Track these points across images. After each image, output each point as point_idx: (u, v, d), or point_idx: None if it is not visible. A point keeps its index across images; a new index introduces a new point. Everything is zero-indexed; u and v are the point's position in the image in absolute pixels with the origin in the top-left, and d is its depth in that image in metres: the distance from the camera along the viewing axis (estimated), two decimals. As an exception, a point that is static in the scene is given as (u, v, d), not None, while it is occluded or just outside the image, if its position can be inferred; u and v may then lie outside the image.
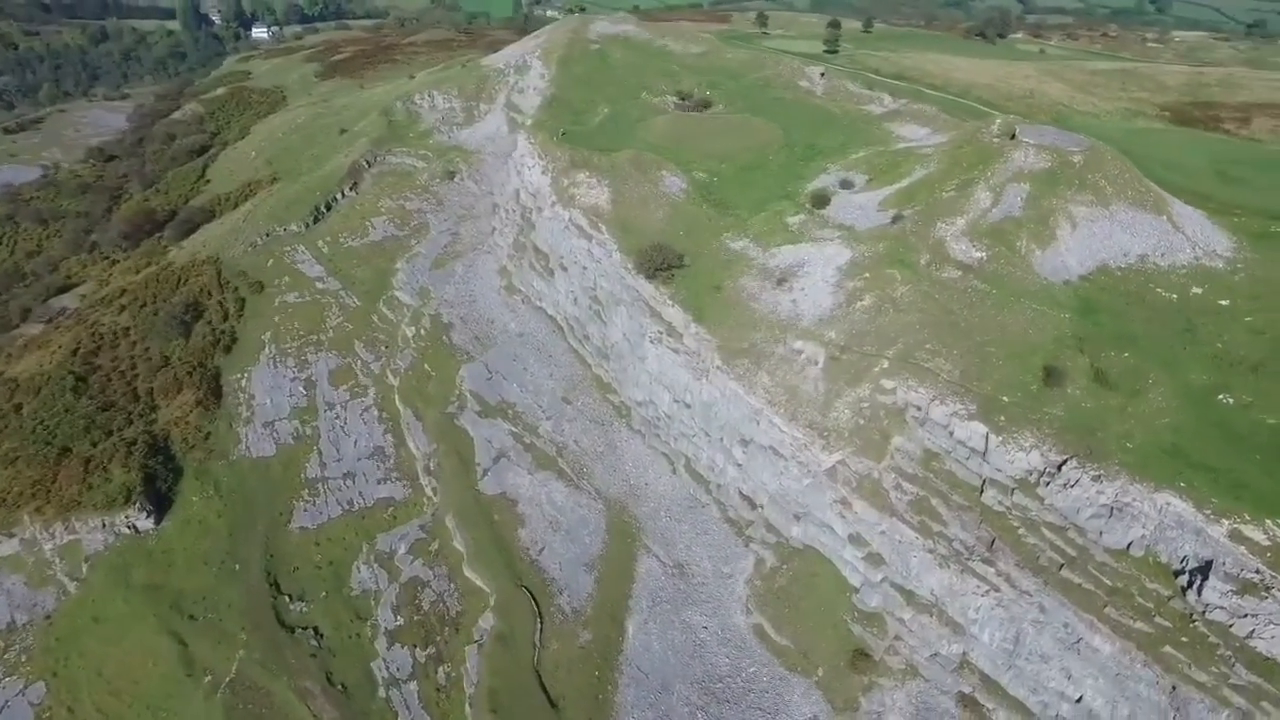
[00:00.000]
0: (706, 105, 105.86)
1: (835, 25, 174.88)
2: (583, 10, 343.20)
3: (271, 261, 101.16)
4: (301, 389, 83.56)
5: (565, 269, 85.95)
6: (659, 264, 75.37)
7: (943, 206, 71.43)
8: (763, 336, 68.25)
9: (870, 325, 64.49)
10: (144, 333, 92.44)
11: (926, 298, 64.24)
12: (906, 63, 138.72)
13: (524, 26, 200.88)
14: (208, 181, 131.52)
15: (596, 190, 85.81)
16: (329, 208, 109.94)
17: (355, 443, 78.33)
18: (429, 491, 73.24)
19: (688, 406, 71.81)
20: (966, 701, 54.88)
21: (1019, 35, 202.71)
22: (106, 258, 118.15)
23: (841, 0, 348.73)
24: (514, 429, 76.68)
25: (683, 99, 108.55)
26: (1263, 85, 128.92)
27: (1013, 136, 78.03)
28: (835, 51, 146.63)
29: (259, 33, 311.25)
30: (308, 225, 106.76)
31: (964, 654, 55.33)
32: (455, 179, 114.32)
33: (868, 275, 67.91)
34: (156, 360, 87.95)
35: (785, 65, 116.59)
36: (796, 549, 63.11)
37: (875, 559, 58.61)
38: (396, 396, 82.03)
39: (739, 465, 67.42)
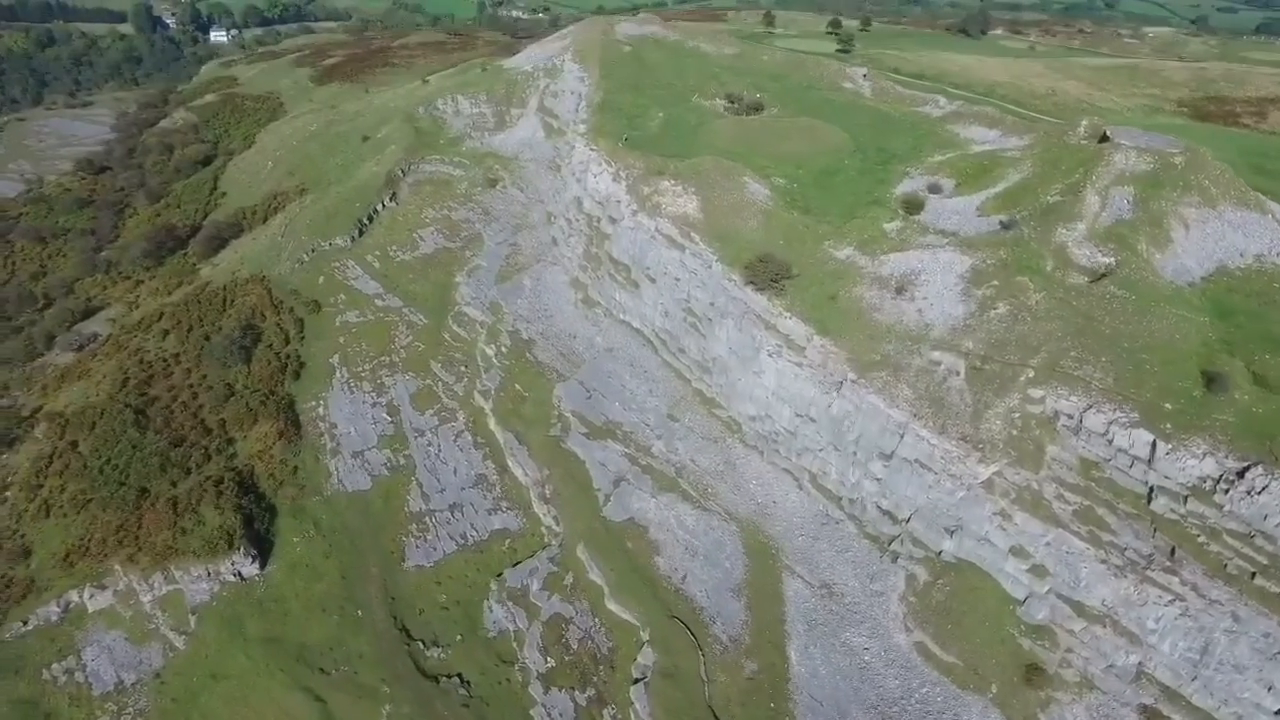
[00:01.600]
0: (759, 108, 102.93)
1: (837, 25, 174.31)
2: (546, 10, 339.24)
3: (322, 278, 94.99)
4: (385, 415, 78.25)
5: (653, 280, 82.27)
6: (770, 276, 72.43)
7: (1055, 211, 69.98)
8: (895, 348, 65.91)
9: (1009, 334, 62.68)
10: (198, 359, 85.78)
11: (1063, 304, 62.69)
12: (923, 61, 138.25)
13: (515, 29, 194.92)
14: (223, 194, 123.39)
15: (684, 198, 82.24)
16: (371, 219, 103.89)
17: (455, 471, 73.61)
18: (548, 521, 69.08)
19: (813, 421, 69.08)
20: (1149, 713, 53.51)
21: (998, 31, 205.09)
22: (127, 277, 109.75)
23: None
24: (626, 450, 72.90)
25: (732, 102, 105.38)
26: (1267, 80, 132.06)
27: (1102, 139, 77.41)
28: (848, 51, 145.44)
29: (217, 36, 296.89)
30: (353, 238, 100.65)
31: (1140, 665, 54.10)
32: (497, 187, 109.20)
33: (996, 283, 66.04)
34: (219, 389, 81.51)
35: (826, 66, 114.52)
36: (950, 563, 61.06)
37: (1040, 571, 56.91)
38: (490, 420, 77.40)
39: (878, 480, 65.02)
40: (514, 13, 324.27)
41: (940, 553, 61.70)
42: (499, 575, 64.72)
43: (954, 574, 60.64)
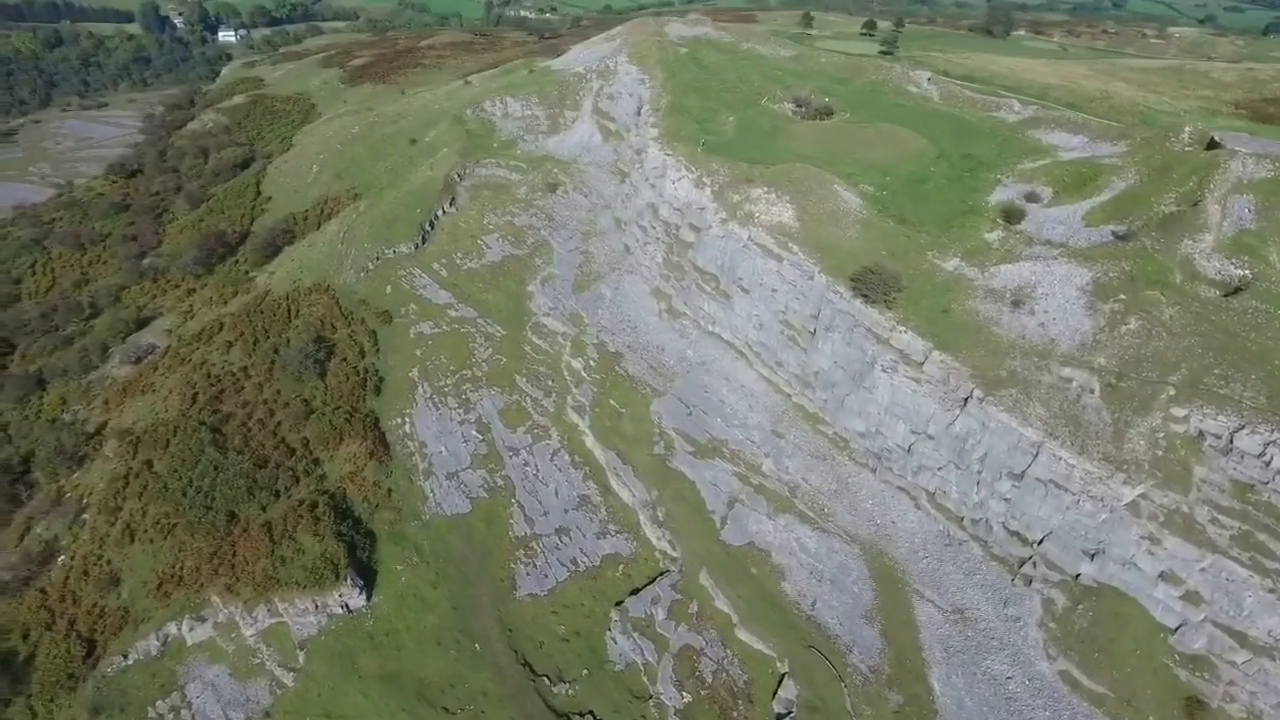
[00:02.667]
0: (828, 113, 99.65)
1: (872, 26, 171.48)
2: (554, 10, 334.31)
3: (389, 287, 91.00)
4: (475, 433, 74.51)
5: (746, 291, 78.93)
6: (881, 288, 69.31)
7: (1176, 222, 67.26)
8: (1021, 364, 62.98)
9: (1143, 350, 59.86)
10: (268, 373, 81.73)
11: (1200, 319, 59.90)
12: (971, 63, 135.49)
13: (542, 30, 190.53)
14: (268, 198, 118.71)
15: (778, 207, 78.94)
16: (432, 226, 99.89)
17: (556, 492, 70.06)
18: (662, 545, 65.71)
19: (931, 438, 66.07)
20: (1323, 749, 51.13)
21: (1021, 32, 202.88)
22: (177, 285, 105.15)
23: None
24: (736, 469, 69.62)
25: (799, 105, 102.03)
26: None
27: (1209, 145, 74.98)
28: (890, 53, 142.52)
29: (226, 36, 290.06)
30: (417, 246, 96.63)
31: (1311, 699, 51.52)
32: (558, 191, 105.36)
33: (1124, 297, 63.15)
34: (296, 405, 77.52)
35: (888, 70, 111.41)
36: (1090, 588, 58.25)
37: (1194, 598, 54.14)
38: (588, 438, 73.86)
39: (1006, 500, 62.10)
40: (522, 12, 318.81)
41: (1078, 576, 58.92)
42: (619, 604, 61.24)
43: (1096, 599, 57.85)
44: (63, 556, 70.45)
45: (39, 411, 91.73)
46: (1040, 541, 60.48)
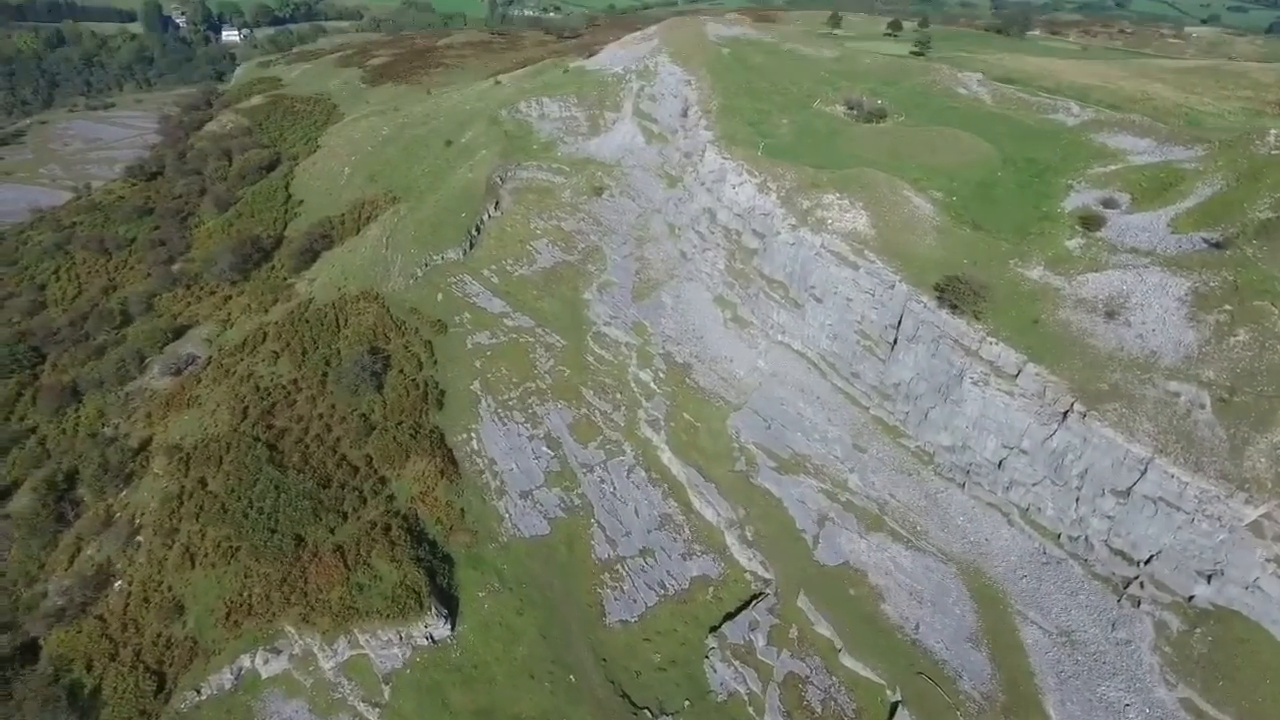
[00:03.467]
0: (882, 115, 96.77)
1: (897, 26, 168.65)
2: (557, 10, 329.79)
3: (440, 295, 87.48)
4: (545, 449, 71.20)
5: (819, 300, 75.95)
6: (967, 297, 66.47)
7: (1277, 229, 64.88)
8: (1122, 377, 60.27)
9: (1256, 363, 57.27)
10: (321, 385, 78.19)
11: (1314, 331, 57.63)
12: (1006, 64, 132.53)
13: (561, 29, 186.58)
14: (300, 201, 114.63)
15: (851, 213, 75.98)
16: (478, 230, 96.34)
17: (636, 511, 66.90)
18: (753, 566, 62.73)
19: (1024, 453, 63.35)
20: None
21: (1036, 32, 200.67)
22: (212, 292, 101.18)
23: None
24: (822, 486, 66.69)
25: (851, 108, 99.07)
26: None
27: (1297, 149, 72.60)
28: (922, 54, 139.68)
29: (229, 35, 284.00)
30: (465, 251, 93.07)
31: None
32: (603, 195, 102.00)
33: (1229, 308, 60.52)
34: (355, 420, 73.96)
35: (936, 71, 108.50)
36: (1207, 611, 55.63)
37: (1323, 623, 51.84)
38: (664, 453, 70.71)
39: (1109, 517, 59.41)
40: (526, 11, 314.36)
41: (1191, 598, 56.31)
42: (714, 629, 58.20)
43: (1215, 623, 55.23)
44: (119, 582, 66.77)
45: (76, 425, 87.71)
46: (1148, 561, 57.85)
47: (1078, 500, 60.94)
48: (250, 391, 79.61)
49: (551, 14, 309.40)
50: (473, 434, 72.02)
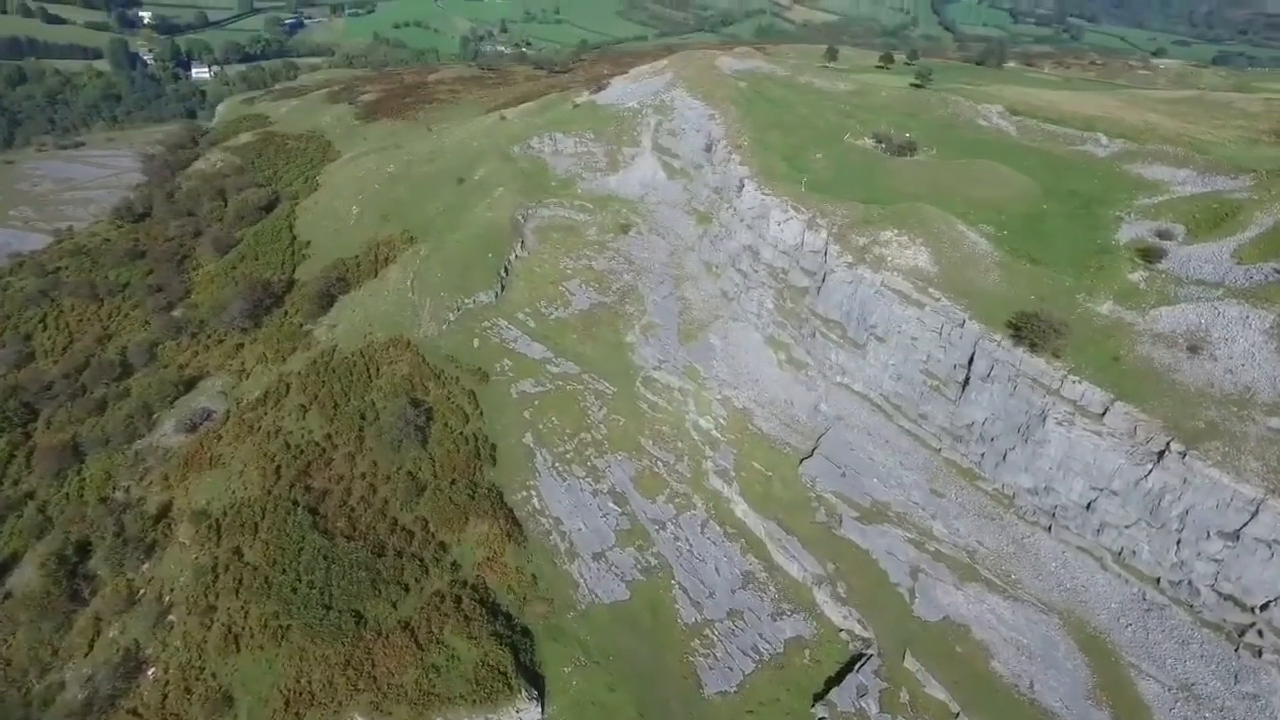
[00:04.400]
0: (912, 149, 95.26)
1: (889, 59, 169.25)
2: (529, 45, 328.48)
3: (477, 341, 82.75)
4: (612, 505, 66.70)
5: (881, 340, 73.14)
6: (1046, 335, 64.19)
7: (1348, 259, 64.14)
8: (1219, 414, 58.22)
9: (1356, 398, 56.04)
10: (358, 441, 72.81)
11: None
12: (1010, 95, 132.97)
13: (551, 64, 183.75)
14: (306, 242, 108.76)
15: (911, 250, 73.59)
16: (507, 271, 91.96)
17: (717, 570, 62.67)
18: (849, 625, 58.85)
19: (1115, 494, 60.88)
20: None
21: (1011, 64, 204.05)
22: (220, 340, 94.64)
23: (783, 31, 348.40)
24: (908, 535, 63.32)
25: (879, 141, 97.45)
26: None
27: (1344, 180, 72.37)
28: (921, 86, 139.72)
29: (199, 73, 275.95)
30: (497, 294, 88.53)
31: None
32: (631, 233, 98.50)
33: (1320, 340, 59.47)
34: (401, 480, 68.70)
35: (955, 104, 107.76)
36: (1332, 658, 53.56)
37: None
38: (738, 506, 66.73)
39: (1216, 561, 56.87)
40: (500, 48, 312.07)
41: (1314, 646, 54.04)
42: (820, 697, 54.07)
43: (1341, 670, 53.02)
44: (153, 669, 60.31)
45: (81, 489, 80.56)
46: (1264, 607, 55.39)
47: (1178, 543, 58.38)
48: (280, 449, 73.76)
49: (525, 49, 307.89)
50: (532, 491, 67.21)
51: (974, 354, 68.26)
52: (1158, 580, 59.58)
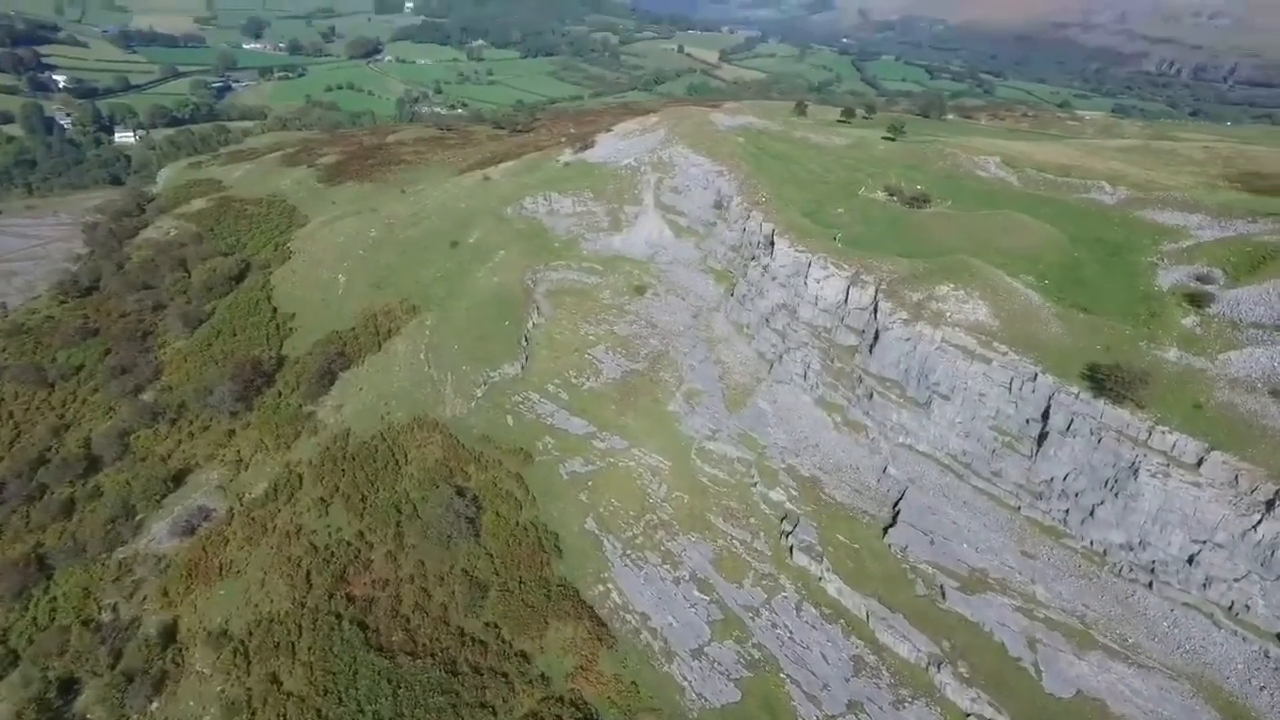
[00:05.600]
0: (925, 200, 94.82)
1: (850, 113, 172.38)
2: (465, 106, 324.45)
3: (511, 419, 76.32)
4: (698, 594, 60.88)
5: (946, 398, 70.43)
6: (1129, 385, 62.61)
7: (1398, 299, 65.18)
8: (1320, 461, 57.52)
9: None
10: (397, 538, 65.11)
11: None
12: (979, 145, 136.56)
13: (513, 122, 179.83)
14: (291, 315, 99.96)
15: (970, 304, 71.65)
16: (526, 340, 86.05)
17: (824, 657, 57.42)
18: (978, 708, 54.29)
19: (1220, 547, 58.96)
20: None
21: (950, 117, 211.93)
22: (206, 426, 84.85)
23: (715, 89, 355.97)
24: (1014, 603, 59.65)
25: (892, 195, 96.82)
26: (1268, 156, 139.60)
27: (1364, 221, 74.56)
28: (893, 139, 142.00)
29: (124, 137, 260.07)
30: (523, 366, 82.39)
31: None
32: (647, 295, 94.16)
33: (1400, 380, 59.63)
34: (458, 580, 61.51)
35: (953, 155, 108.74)
36: None
37: None
38: (830, 584, 61.79)
39: (1338, 613, 55.59)
40: (436, 108, 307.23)
41: None
42: (974, 797, 49.11)
43: None
44: (190, 834, 50.46)
45: (53, 611, 69.55)
46: (1397, 657, 53.81)
47: (1297, 595, 56.62)
48: (305, 552, 65.29)
49: (459, 111, 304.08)
50: (609, 585, 60.85)
51: (1049, 408, 66.13)
52: (1278, 636, 57.40)
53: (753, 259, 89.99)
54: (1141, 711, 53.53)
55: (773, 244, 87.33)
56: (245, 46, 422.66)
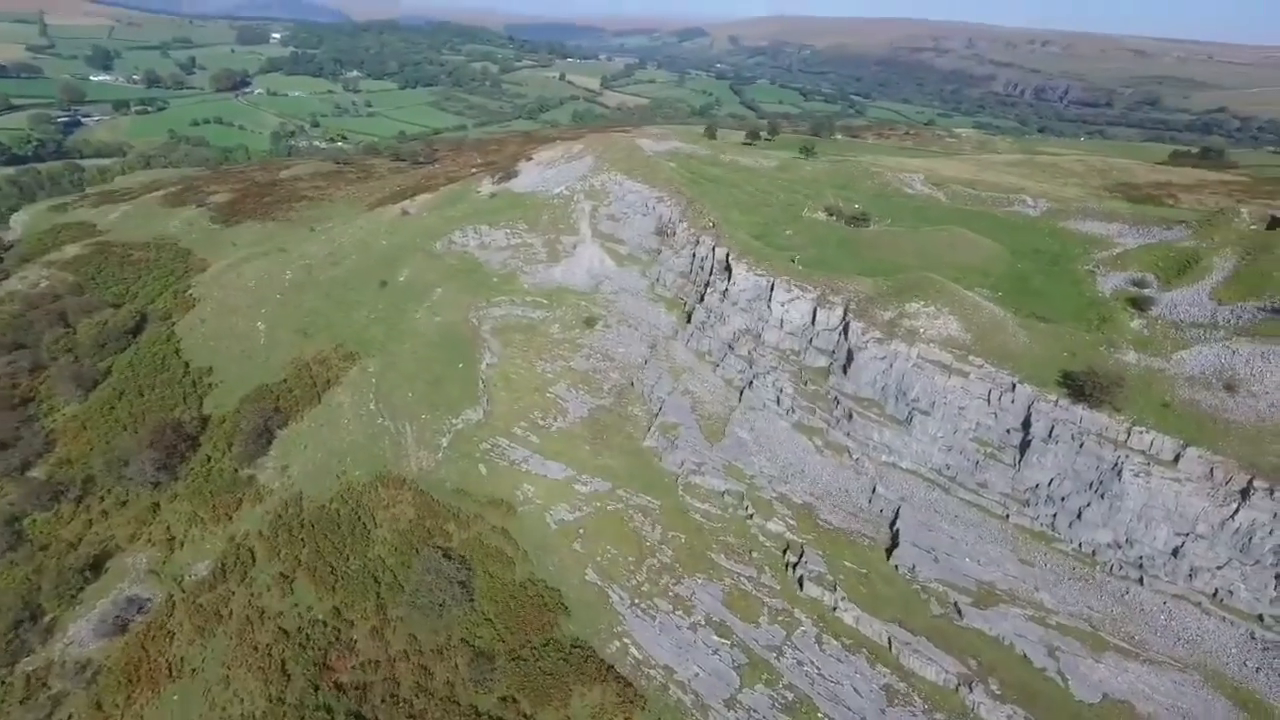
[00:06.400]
0: (865, 219, 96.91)
1: (755, 135, 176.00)
2: (344, 139, 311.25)
3: (484, 468, 71.53)
4: (717, 638, 58.16)
5: (926, 413, 71.24)
6: (1105, 390, 65.18)
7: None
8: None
9: (1384, 418, 61.10)
10: (377, 612, 59.34)
11: None
12: (886, 163, 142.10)
13: (413, 155, 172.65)
14: (207, 369, 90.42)
15: (940, 319, 72.95)
16: (483, 383, 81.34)
17: (856, 691, 55.94)
18: (1017, 727, 54.20)
19: (1202, 538, 61.90)
20: None
21: (838, 137, 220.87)
22: (123, 502, 75.07)
23: (600, 116, 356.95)
24: (1025, 612, 60.24)
25: (831, 214, 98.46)
26: (1140, 168, 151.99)
27: (1271, 224, 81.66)
28: (805, 159, 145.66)
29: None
30: (485, 411, 77.67)
31: None
32: (597, 327, 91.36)
33: (1340, 370, 64.56)
34: (459, 651, 56.46)
35: (879, 174, 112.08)
36: None
37: None
38: (846, 614, 60.48)
39: (1315, 591, 59.19)
40: (316, 142, 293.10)
41: None
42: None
43: None
44: None
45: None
46: (1370, 627, 57.60)
47: (1277, 577, 59.90)
48: (274, 639, 58.28)
49: (340, 144, 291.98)
50: (625, 639, 57.21)
51: (1029, 416, 67.95)
52: (1260, 617, 60.38)
53: (708, 285, 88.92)
54: (1164, 709, 54.76)
55: (729, 268, 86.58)
56: (94, 79, 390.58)
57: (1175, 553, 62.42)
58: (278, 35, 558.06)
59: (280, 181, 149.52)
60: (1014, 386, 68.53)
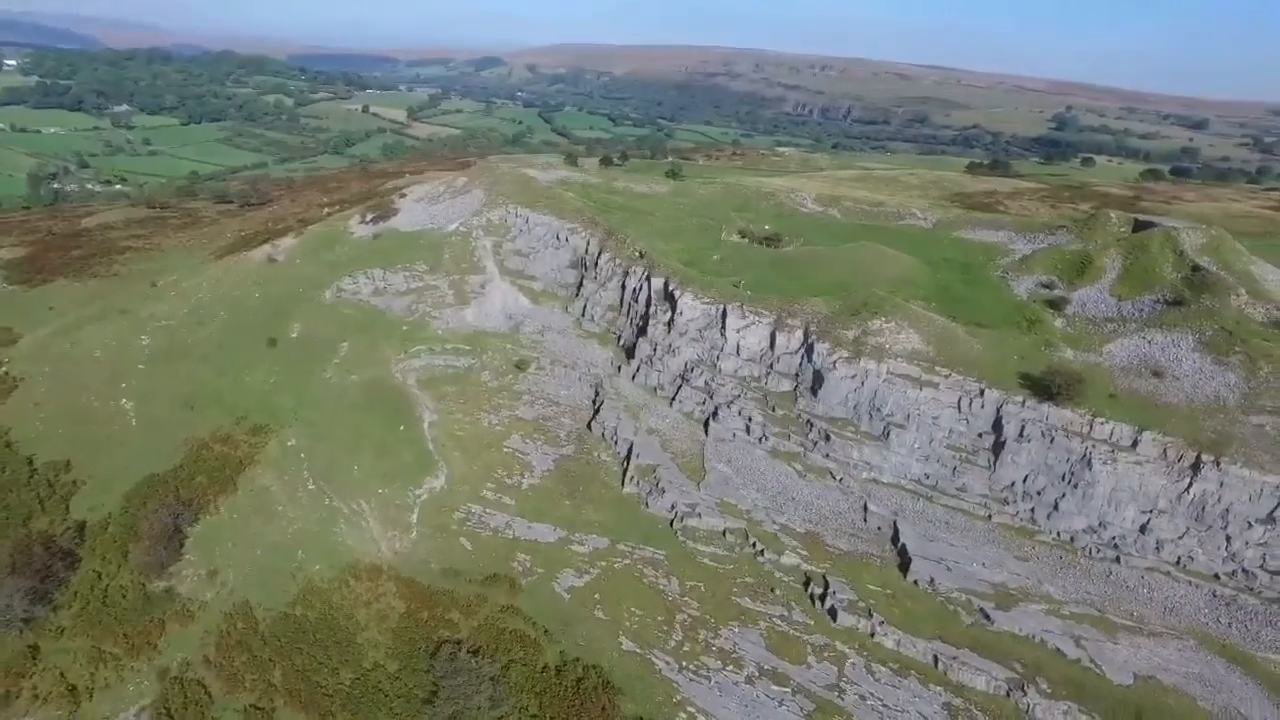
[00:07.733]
0: (777, 239, 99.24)
1: (608, 161, 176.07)
2: (124, 181, 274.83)
3: (468, 543, 64.62)
4: (775, 687, 55.56)
5: (901, 426, 73.38)
6: (1069, 387, 70.55)
7: (1209, 284, 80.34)
8: (1216, 423, 69.00)
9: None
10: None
11: (1292, 354, 73.08)
12: (749, 183, 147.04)
13: (246, 197, 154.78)
14: (66, 465, 73.68)
15: (903, 334, 75.54)
16: (432, 443, 73.79)
17: (921, 716, 55.64)
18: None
19: (1163, 512, 68.49)
20: None
21: (670, 159, 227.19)
22: (-6, 653, 59.41)
23: (410, 148, 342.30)
24: (1042, 608, 63.11)
25: (743, 236, 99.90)
26: (968, 180, 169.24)
27: (1136, 227, 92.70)
28: (675, 181, 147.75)
29: None
30: (446, 482, 70.22)
31: None
32: (529, 370, 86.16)
33: (1240, 350, 73.40)
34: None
35: (772, 195, 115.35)
36: (1359, 599, 65.46)
37: None
38: (888, 637, 60.03)
39: (1261, 545, 66.71)
40: (89, 185, 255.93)
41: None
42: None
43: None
44: None
45: None
46: (1317, 580, 65.76)
47: (1227, 539, 67.20)
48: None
49: (119, 186, 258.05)
50: (690, 708, 53.03)
51: (999, 418, 71.97)
52: (1216, 576, 67.42)
53: (648, 316, 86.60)
54: (1181, 677, 59.09)
55: (671, 298, 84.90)
56: None
57: (1143, 529, 68.09)
58: (13, 62, 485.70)
59: (86, 231, 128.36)
60: (982, 392, 72.23)
